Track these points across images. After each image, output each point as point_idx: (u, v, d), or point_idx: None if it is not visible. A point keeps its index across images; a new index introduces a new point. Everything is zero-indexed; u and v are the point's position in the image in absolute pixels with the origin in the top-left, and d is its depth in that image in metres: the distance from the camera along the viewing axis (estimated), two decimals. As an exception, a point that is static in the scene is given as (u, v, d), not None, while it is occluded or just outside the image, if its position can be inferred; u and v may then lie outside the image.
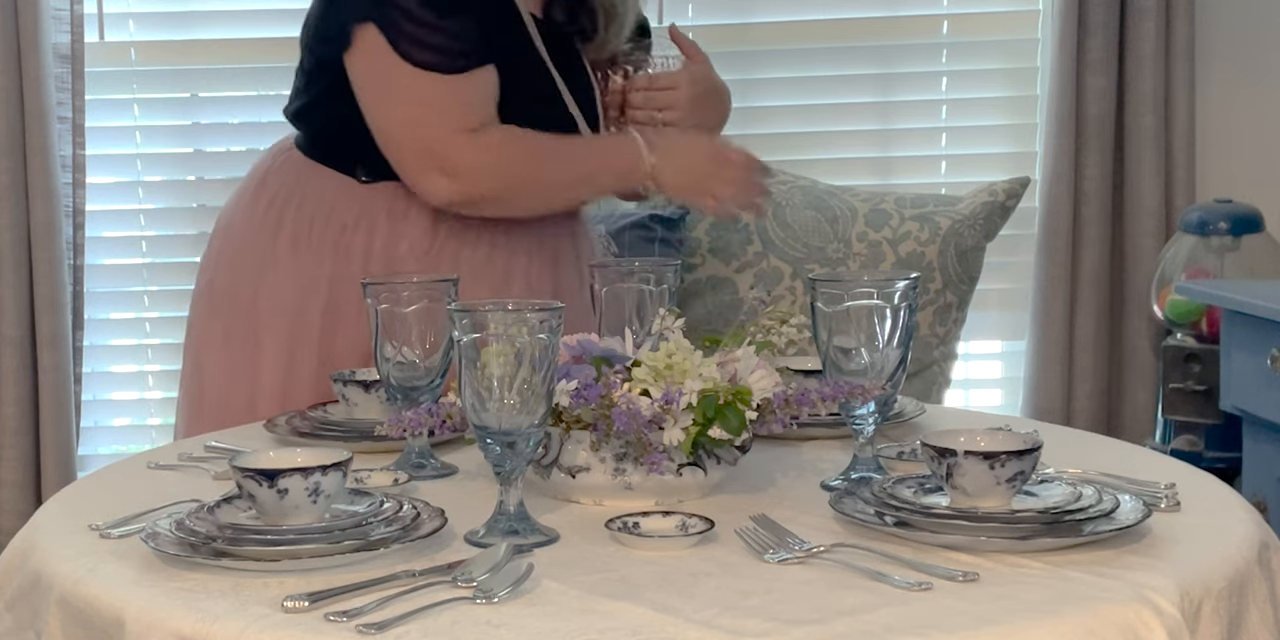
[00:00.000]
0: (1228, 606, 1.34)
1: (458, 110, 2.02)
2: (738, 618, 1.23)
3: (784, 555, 1.38)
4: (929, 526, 1.41)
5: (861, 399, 1.58)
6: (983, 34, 3.53)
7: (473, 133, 2.02)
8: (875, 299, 1.60)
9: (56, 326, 3.34)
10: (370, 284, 1.73)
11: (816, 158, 3.52)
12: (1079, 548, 1.39)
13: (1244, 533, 1.45)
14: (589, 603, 1.27)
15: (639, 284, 1.80)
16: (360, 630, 1.20)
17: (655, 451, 1.50)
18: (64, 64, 3.35)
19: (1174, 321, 3.24)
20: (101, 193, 3.50)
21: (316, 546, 1.36)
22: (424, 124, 2.02)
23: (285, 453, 1.47)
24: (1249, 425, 2.84)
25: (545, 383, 1.42)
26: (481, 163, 2.02)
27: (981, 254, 3.28)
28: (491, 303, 1.46)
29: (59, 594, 1.36)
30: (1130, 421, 3.45)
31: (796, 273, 3.23)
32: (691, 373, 1.52)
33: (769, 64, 3.54)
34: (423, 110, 2.02)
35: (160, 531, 1.41)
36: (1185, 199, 3.41)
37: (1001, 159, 3.54)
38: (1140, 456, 1.81)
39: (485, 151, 2.02)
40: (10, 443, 3.35)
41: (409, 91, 2.02)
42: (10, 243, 3.32)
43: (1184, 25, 3.36)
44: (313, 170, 2.15)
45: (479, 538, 1.44)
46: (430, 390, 1.71)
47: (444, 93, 2.01)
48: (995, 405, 3.63)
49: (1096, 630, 1.23)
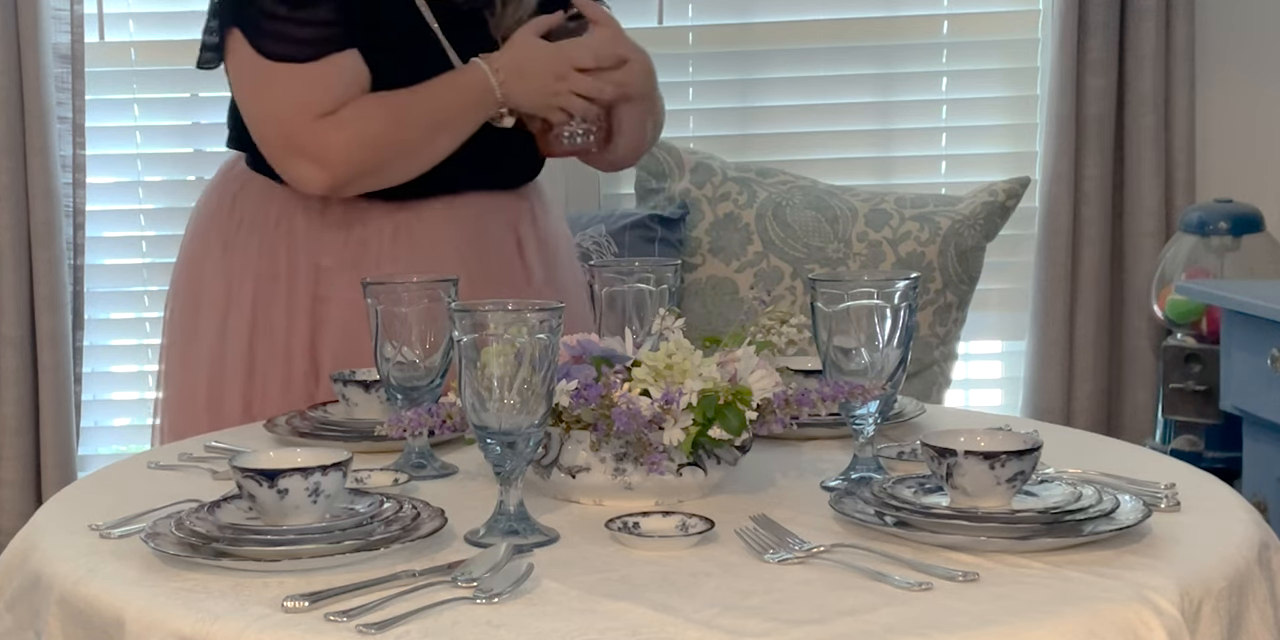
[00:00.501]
0: (1228, 606, 1.34)
1: (314, 97, 2.03)
2: (738, 618, 1.23)
3: (784, 555, 1.38)
4: (929, 526, 1.41)
5: (861, 399, 1.58)
6: (983, 34, 3.53)
7: (328, 116, 2.03)
8: (875, 299, 1.60)
9: (56, 326, 3.35)
10: (370, 284, 1.73)
11: (816, 158, 3.52)
12: (1079, 548, 1.39)
13: (1244, 533, 1.45)
14: (589, 603, 1.27)
15: (639, 284, 1.80)
16: (360, 630, 1.20)
17: (655, 451, 1.49)
18: (64, 64, 3.35)
19: (1174, 321, 3.24)
20: (101, 193, 3.50)
21: (316, 546, 1.36)
22: (283, 115, 2.05)
23: (285, 453, 1.47)
24: (1249, 425, 2.84)
25: (545, 383, 1.42)
26: (340, 142, 2.03)
27: (981, 254, 3.28)
28: (491, 303, 1.46)
29: (59, 594, 1.36)
30: (1130, 421, 3.45)
31: (796, 273, 3.23)
32: (691, 373, 1.52)
33: (769, 64, 3.54)
34: (281, 102, 2.05)
35: (160, 531, 1.41)
36: (1185, 199, 3.41)
37: (1001, 159, 3.54)
38: (1140, 456, 1.81)
39: (341, 130, 2.03)
40: (10, 443, 3.35)
41: (267, 85, 2.05)
42: (10, 243, 3.32)
43: (1184, 25, 3.36)
44: (249, 177, 2.20)
45: (479, 538, 1.44)
46: (430, 390, 1.71)
47: (300, 82, 2.03)
48: (995, 405, 3.63)
49: (1096, 630, 1.23)
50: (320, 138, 2.03)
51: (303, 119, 2.03)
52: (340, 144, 2.03)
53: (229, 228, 2.20)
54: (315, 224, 2.15)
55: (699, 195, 3.32)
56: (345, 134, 2.03)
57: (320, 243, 2.15)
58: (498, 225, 2.22)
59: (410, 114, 2.07)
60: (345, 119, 2.04)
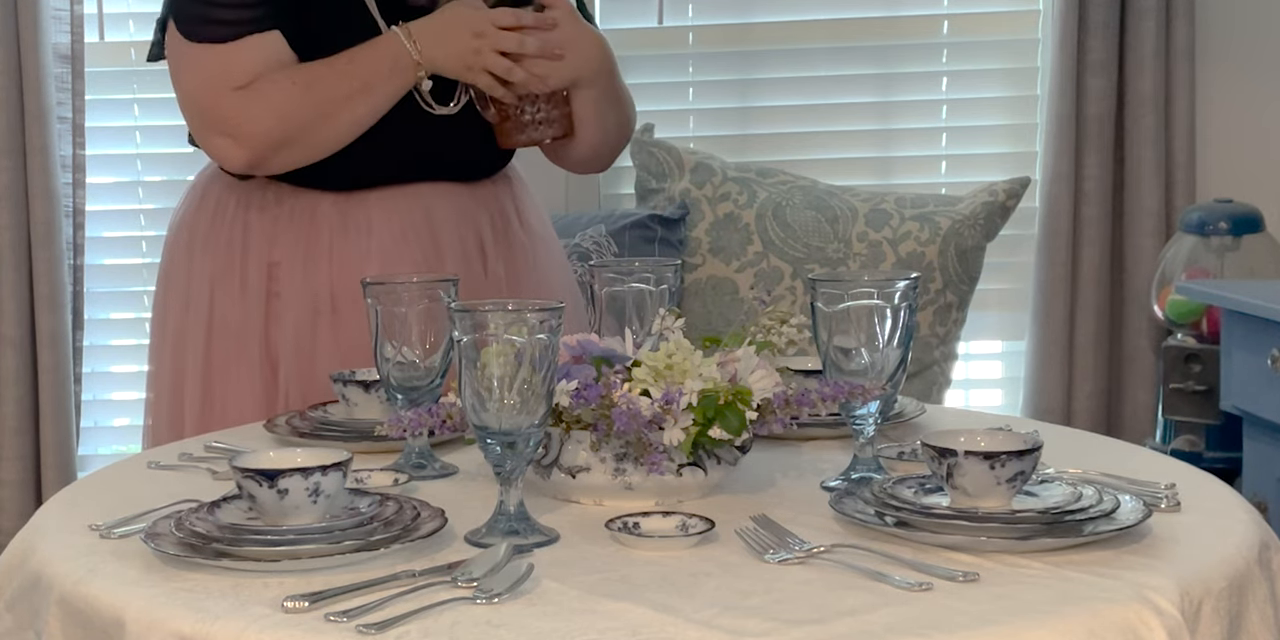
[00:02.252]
0: (1228, 606, 1.34)
1: (229, 73, 2.05)
2: (738, 618, 1.23)
3: (784, 555, 1.38)
4: (929, 526, 1.41)
5: (861, 399, 1.58)
6: (983, 34, 3.53)
7: (242, 89, 2.04)
8: (875, 299, 1.60)
9: (56, 326, 3.35)
10: (370, 284, 1.73)
11: (816, 158, 3.52)
12: (1079, 548, 1.39)
13: (1244, 533, 1.45)
14: (589, 603, 1.27)
15: (639, 284, 1.80)
16: (360, 630, 1.20)
17: (655, 451, 1.49)
18: (64, 64, 3.35)
19: (1174, 321, 3.24)
20: (101, 193, 3.51)
21: (316, 546, 1.36)
22: (199, 91, 2.08)
23: (285, 453, 1.47)
24: (1249, 425, 2.84)
25: (545, 383, 1.42)
26: (253, 113, 2.04)
27: (981, 254, 3.28)
28: (491, 303, 1.46)
29: (59, 594, 1.36)
30: (1130, 421, 3.45)
31: (796, 273, 3.23)
32: (691, 373, 1.52)
33: (769, 64, 3.54)
34: (198, 79, 2.08)
35: (160, 531, 1.41)
36: (1185, 199, 3.41)
37: (1001, 159, 3.54)
38: (1140, 456, 1.81)
39: (253, 101, 2.04)
40: (10, 443, 3.35)
41: (190, 66, 2.08)
42: (10, 243, 3.32)
43: (1184, 25, 3.36)
44: (216, 176, 2.21)
45: (479, 538, 1.44)
46: (430, 390, 1.71)
47: (217, 60, 2.05)
48: (995, 405, 3.63)
49: (1096, 630, 1.23)
50: (233, 110, 2.05)
51: (217, 94, 2.05)
52: (252, 115, 2.04)
53: (197, 227, 2.21)
54: (268, 219, 2.15)
55: (699, 195, 3.32)
56: (257, 105, 2.04)
57: (272, 238, 2.15)
58: (452, 218, 2.19)
59: (323, 82, 2.05)
60: (256, 90, 2.04)
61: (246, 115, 2.04)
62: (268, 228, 2.15)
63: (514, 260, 2.24)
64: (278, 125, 2.04)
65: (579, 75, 2.12)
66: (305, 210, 2.14)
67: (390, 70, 2.05)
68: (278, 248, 2.15)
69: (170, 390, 2.21)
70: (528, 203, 2.32)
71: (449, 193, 2.19)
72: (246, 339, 2.15)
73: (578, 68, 2.12)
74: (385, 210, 2.15)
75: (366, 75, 2.05)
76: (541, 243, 2.31)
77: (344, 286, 2.11)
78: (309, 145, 2.07)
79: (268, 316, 2.15)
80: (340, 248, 2.13)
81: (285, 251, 2.14)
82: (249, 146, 2.05)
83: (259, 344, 2.15)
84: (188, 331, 2.19)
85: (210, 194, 2.21)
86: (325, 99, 2.05)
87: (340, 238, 2.14)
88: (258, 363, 2.15)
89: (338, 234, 2.14)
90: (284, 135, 2.05)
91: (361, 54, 2.06)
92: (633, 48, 3.51)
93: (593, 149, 2.25)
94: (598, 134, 2.21)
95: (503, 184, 2.28)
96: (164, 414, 2.22)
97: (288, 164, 2.09)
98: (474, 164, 2.23)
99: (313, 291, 2.13)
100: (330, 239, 2.14)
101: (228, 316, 2.16)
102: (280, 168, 2.10)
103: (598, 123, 2.20)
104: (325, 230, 2.14)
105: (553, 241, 2.36)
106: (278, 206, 2.15)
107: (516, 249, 2.26)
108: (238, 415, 2.12)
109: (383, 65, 2.05)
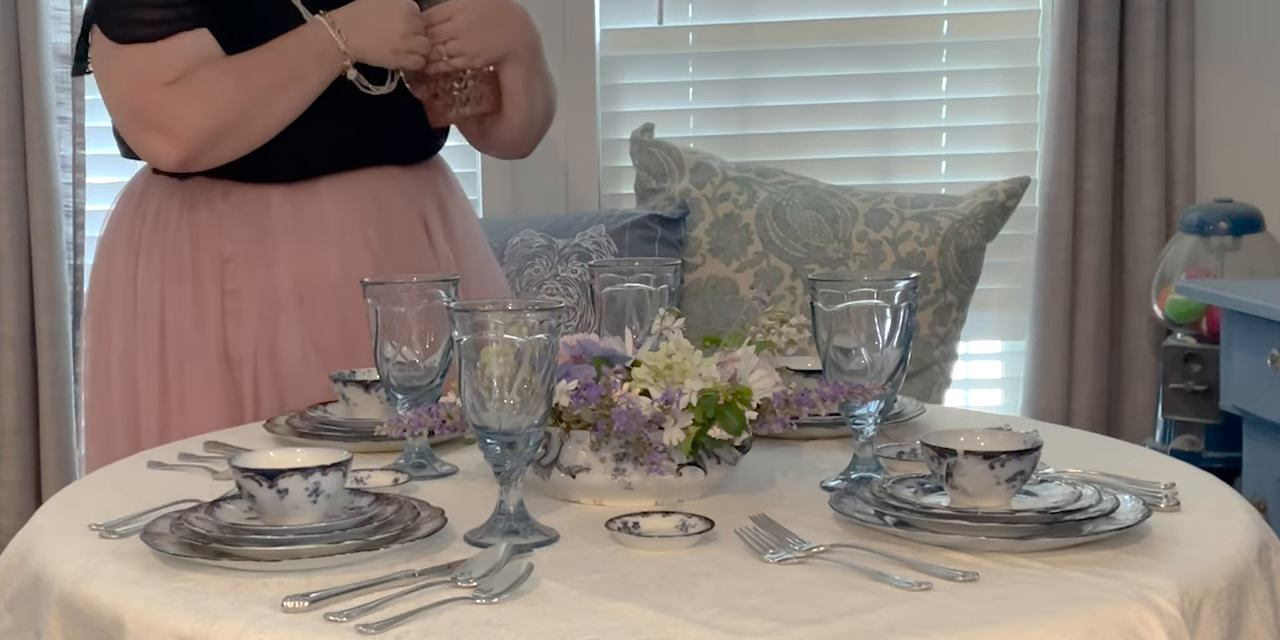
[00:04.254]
0: (1228, 606, 1.34)
1: (157, 70, 2.05)
2: (738, 618, 1.23)
3: (784, 555, 1.38)
4: (929, 526, 1.41)
5: (861, 399, 1.58)
6: (983, 34, 3.53)
7: (172, 84, 2.04)
8: (875, 299, 1.60)
9: (56, 326, 3.35)
10: (370, 284, 1.73)
11: (816, 158, 3.52)
12: (1079, 548, 1.39)
13: (1244, 533, 1.45)
14: (589, 603, 1.27)
15: (639, 284, 1.80)
16: (360, 630, 1.20)
17: (655, 451, 1.49)
18: (64, 64, 3.34)
19: (1174, 321, 3.23)
20: (101, 193, 3.50)
21: (316, 546, 1.36)
22: (129, 90, 2.07)
23: (285, 453, 1.47)
24: (1249, 425, 2.83)
25: (545, 383, 1.42)
26: (184, 108, 2.04)
27: (981, 254, 3.28)
28: (491, 302, 1.46)
29: (59, 594, 1.36)
30: (1130, 421, 3.45)
31: (796, 273, 3.23)
32: (691, 373, 1.52)
33: (769, 64, 3.53)
34: (126, 78, 2.07)
35: (160, 531, 1.41)
36: (1185, 199, 3.40)
37: (1001, 159, 3.53)
38: (1140, 456, 1.81)
39: (185, 94, 2.04)
40: (10, 443, 3.35)
41: (118, 67, 2.08)
42: (10, 243, 3.32)
43: (1184, 25, 3.36)
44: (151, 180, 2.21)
45: (479, 538, 1.44)
46: (430, 390, 1.71)
47: (145, 58, 2.05)
48: (995, 405, 3.63)
49: (1096, 630, 1.23)
50: (164, 106, 2.04)
51: (147, 90, 2.05)
52: (184, 110, 2.04)
53: (135, 233, 2.19)
54: (217, 215, 2.14)
55: (699, 195, 3.32)
56: (187, 99, 2.04)
57: (223, 234, 2.14)
58: (400, 202, 2.21)
59: (251, 73, 2.05)
60: (186, 84, 2.04)
61: (179, 108, 2.04)
62: (217, 224, 2.14)
63: (455, 240, 2.28)
64: (210, 120, 2.04)
65: (509, 50, 2.16)
66: (256, 203, 2.13)
67: (317, 57, 2.07)
68: (230, 243, 2.13)
69: (121, 405, 2.17)
70: (453, 181, 2.35)
71: (395, 176, 2.21)
72: (204, 340, 2.13)
73: (508, 42, 2.15)
74: (336, 198, 2.15)
75: (295, 64, 2.06)
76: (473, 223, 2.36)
77: (308, 279, 2.11)
78: (242, 136, 2.07)
79: (224, 314, 2.13)
80: (297, 239, 2.13)
81: (238, 246, 2.13)
82: (182, 142, 2.05)
83: (217, 344, 2.13)
84: (137, 341, 2.16)
85: (150, 199, 2.19)
86: (256, 88, 2.05)
87: (296, 229, 2.13)
88: (216, 364, 2.13)
89: (292, 225, 2.13)
90: (218, 126, 2.05)
91: (288, 43, 2.07)
92: (633, 48, 3.51)
93: (520, 128, 2.28)
94: (526, 111, 2.25)
95: (437, 169, 2.31)
96: (119, 432, 2.18)
97: (222, 157, 2.09)
98: (415, 144, 2.25)
99: (273, 285, 2.12)
100: (284, 231, 2.13)
101: (181, 320, 2.14)
102: (214, 161, 2.09)
103: (526, 99, 2.23)
104: (279, 222, 2.13)
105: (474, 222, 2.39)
106: (225, 202, 2.14)
107: (455, 229, 2.28)
108: (199, 421, 2.10)
109: (309, 52, 2.07)
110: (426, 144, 2.27)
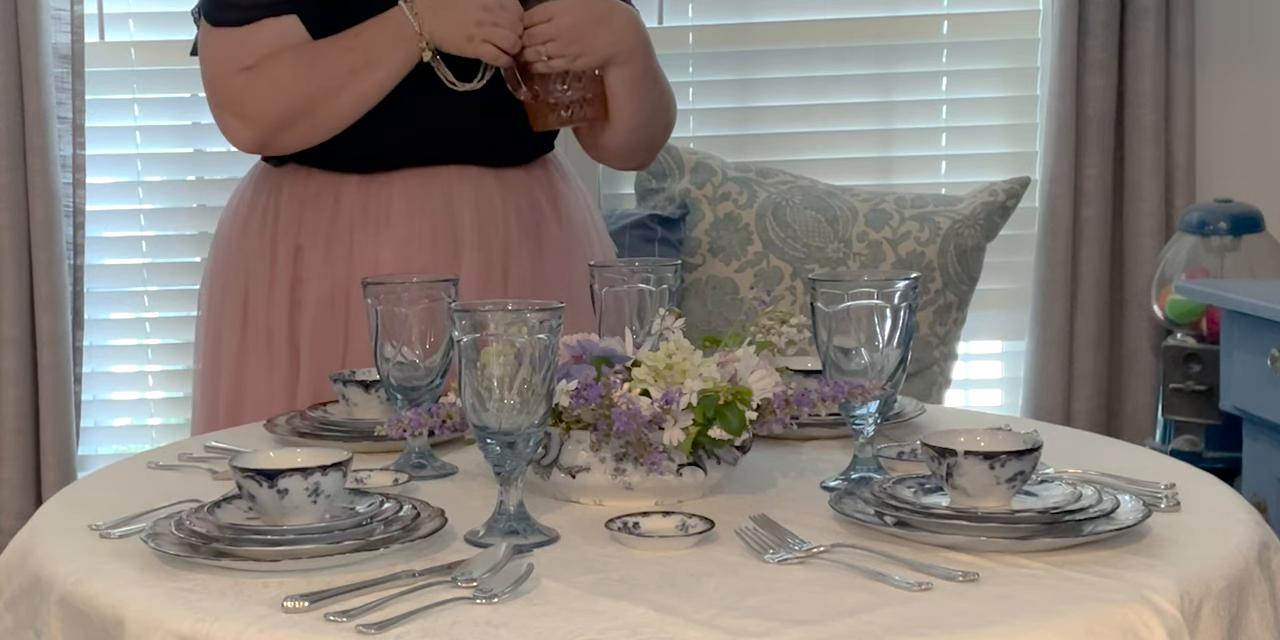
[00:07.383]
0: (1228, 607, 1.34)
1: (239, 54, 2.06)
2: (738, 618, 1.23)
3: (784, 555, 1.38)
4: (929, 526, 1.41)
5: (861, 399, 1.58)
6: (983, 34, 3.53)
7: (248, 69, 2.05)
8: (875, 299, 1.60)
9: (56, 326, 3.35)
10: (370, 284, 1.73)
11: (816, 158, 3.53)
12: (1079, 548, 1.39)
13: (1244, 533, 1.45)
14: (589, 603, 1.27)
15: (639, 284, 1.80)
16: (360, 630, 1.20)
17: (655, 451, 1.49)
18: (64, 64, 3.35)
19: (1174, 321, 3.24)
20: (101, 193, 3.51)
21: (316, 546, 1.36)
22: (213, 73, 2.09)
23: (285, 453, 1.46)
24: (1249, 425, 2.84)
25: (545, 383, 1.42)
26: (255, 93, 2.05)
27: (981, 254, 3.28)
28: (491, 303, 1.46)
29: (59, 594, 1.36)
30: (1130, 421, 3.45)
31: (796, 273, 3.23)
32: (691, 373, 1.52)
33: (769, 64, 3.54)
34: (213, 61, 2.09)
35: (160, 531, 1.41)
36: (1185, 199, 3.41)
37: (1001, 159, 3.54)
38: (1140, 456, 1.81)
39: (257, 80, 2.05)
40: (10, 443, 3.35)
41: (208, 49, 2.10)
42: (10, 243, 3.32)
43: (1184, 25, 3.36)
44: (259, 167, 2.23)
45: (479, 538, 1.44)
46: (430, 390, 1.71)
47: (230, 41, 2.06)
48: (995, 405, 3.63)
49: (1096, 630, 1.23)
50: (239, 90, 2.06)
51: (227, 74, 2.06)
52: (258, 93, 2.05)
53: (235, 220, 2.22)
54: (295, 201, 2.15)
55: (699, 195, 3.32)
56: (260, 83, 2.05)
57: (299, 222, 2.15)
58: (472, 205, 2.14)
59: (326, 58, 2.04)
60: (260, 69, 2.05)
61: (251, 93, 2.05)
62: (295, 210, 2.15)
63: (542, 259, 2.19)
64: (280, 102, 2.04)
65: (613, 53, 2.07)
66: (329, 192, 2.14)
67: (393, 43, 2.03)
68: (304, 231, 2.15)
69: (205, 389, 2.22)
70: (568, 196, 2.25)
71: (474, 178, 2.14)
72: (273, 329, 2.15)
73: (611, 45, 2.06)
74: (405, 193, 2.12)
75: (369, 49, 2.04)
76: (580, 242, 2.24)
77: (361, 273, 2.07)
78: (314, 122, 2.06)
79: (292, 304, 2.15)
80: (359, 237, 2.12)
81: (310, 234, 2.14)
82: (256, 125, 2.06)
83: (284, 334, 2.15)
84: (223, 329, 2.19)
85: (251, 183, 2.22)
86: (328, 74, 2.04)
87: (360, 221, 2.13)
88: (283, 354, 2.15)
89: (359, 217, 2.13)
90: (287, 112, 2.05)
91: (366, 29, 2.05)
92: (633, 48, 3.51)
93: (629, 135, 2.17)
94: (635, 116, 2.14)
95: (538, 174, 2.21)
96: (200, 412, 2.24)
97: (295, 142, 2.09)
98: (501, 147, 2.17)
99: (332, 279, 2.13)
100: (351, 225, 2.13)
101: (258, 309, 2.16)
102: (288, 146, 2.10)
103: (634, 104, 2.13)
104: (346, 212, 2.13)
105: (593, 239, 2.28)
106: (304, 188, 2.15)
107: (548, 246, 2.20)
108: (267, 406, 2.12)
109: (384, 37, 2.03)
110: (518, 149, 2.19)
